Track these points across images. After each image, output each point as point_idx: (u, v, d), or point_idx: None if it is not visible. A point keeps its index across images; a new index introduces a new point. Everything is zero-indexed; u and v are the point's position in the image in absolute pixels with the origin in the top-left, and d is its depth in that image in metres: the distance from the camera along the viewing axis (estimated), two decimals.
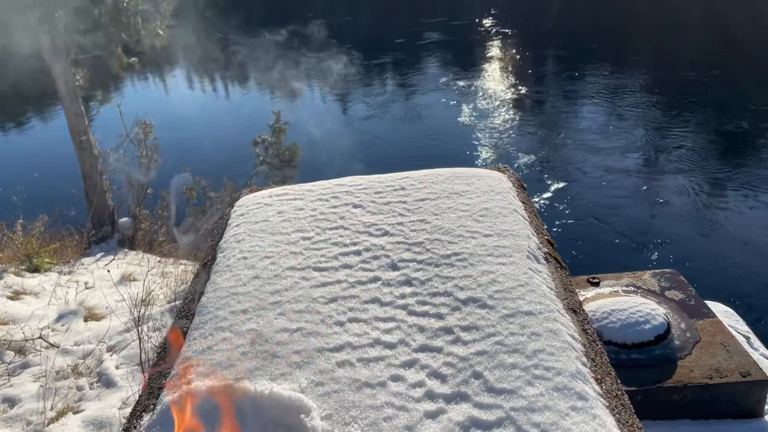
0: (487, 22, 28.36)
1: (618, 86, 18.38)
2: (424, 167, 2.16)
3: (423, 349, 1.28)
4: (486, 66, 22.19)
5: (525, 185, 2.14)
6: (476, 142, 15.10)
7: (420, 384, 1.19)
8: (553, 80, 19.88)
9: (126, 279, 6.19)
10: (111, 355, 4.18)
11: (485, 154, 14.41)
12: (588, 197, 11.91)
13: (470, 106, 17.76)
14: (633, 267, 3.33)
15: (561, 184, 12.60)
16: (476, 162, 13.82)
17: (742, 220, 10.57)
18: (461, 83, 20.34)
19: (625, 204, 11.51)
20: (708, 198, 11.51)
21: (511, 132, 15.77)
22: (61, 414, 3.47)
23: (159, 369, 1.35)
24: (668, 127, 15.16)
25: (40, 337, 4.35)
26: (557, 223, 10.52)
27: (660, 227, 10.64)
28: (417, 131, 16.34)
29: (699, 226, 10.62)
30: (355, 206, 1.92)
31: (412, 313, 1.40)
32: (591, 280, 3.13)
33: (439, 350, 1.27)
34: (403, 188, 1.99)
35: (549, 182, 12.67)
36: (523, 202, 1.93)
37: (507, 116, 16.91)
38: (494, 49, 24.22)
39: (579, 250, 9.58)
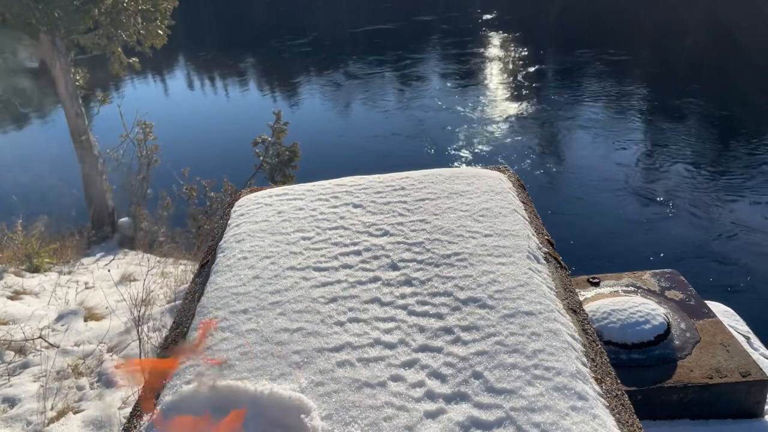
0: (487, 20, 28.35)
1: (618, 86, 18.38)
2: (424, 167, 2.16)
3: (423, 349, 1.28)
4: (486, 65, 22.19)
5: (525, 185, 2.14)
6: (476, 142, 15.10)
7: (420, 384, 1.19)
8: (553, 80, 19.89)
9: (126, 279, 6.19)
10: (111, 356, 4.18)
11: (485, 153, 14.40)
12: (588, 197, 11.91)
13: (470, 106, 17.76)
14: (633, 267, 3.32)
15: (561, 184, 12.60)
16: (476, 161, 13.82)
17: (742, 220, 10.58)
18: (461, 83, 20.34)
19: (626, 204, 11.51)
20: (708, 198, 11.51)
21: (511, 132, 15.77)
22: (61, 414, 3.47)
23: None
24: (668, 127, 15.16)
25: (40, 337, 4.35)
26: (557, 223, 10.52)
27: (660, 227, 10.65)
28: (416, 131, 16.33)
29: (699, 225, 10.63)
30: (355, 206, 1.92)
31: (412, 313, 1.40)
32: (591, 280, 3.13)
33: (439, 350, 1.27)
34: (403, 188, 1.99)
35: (549, 182, 12.68)
36: (523, 202, 1.93)
37: (507, 116, 16.91)
38: (494, 49, 24.22)
39: (579, 250, 9.58)
